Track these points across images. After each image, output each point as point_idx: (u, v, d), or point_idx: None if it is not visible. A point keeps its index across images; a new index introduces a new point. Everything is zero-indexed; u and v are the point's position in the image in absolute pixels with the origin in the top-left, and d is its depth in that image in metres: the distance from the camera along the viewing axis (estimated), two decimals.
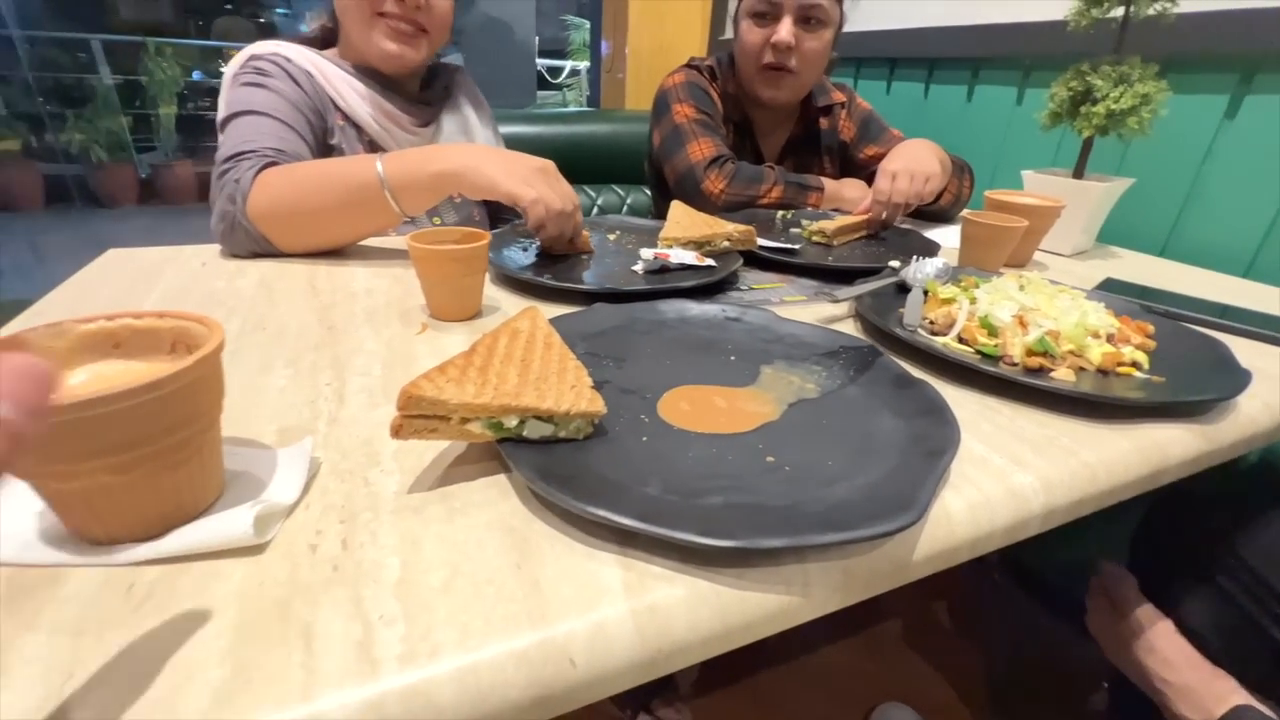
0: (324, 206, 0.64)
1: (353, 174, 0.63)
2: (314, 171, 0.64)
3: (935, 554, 0.32)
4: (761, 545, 0.26)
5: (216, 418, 0.29)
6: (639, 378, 0.43)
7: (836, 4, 0.94)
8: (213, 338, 0.27)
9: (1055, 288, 0.57)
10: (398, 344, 0.48)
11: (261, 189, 0.62)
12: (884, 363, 0.44)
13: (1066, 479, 0.37)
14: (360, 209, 0.64)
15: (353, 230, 0.68)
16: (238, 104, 0.71)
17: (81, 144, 4.20)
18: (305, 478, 0.32)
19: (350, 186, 0.62)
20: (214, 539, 0.27)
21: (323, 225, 0.66)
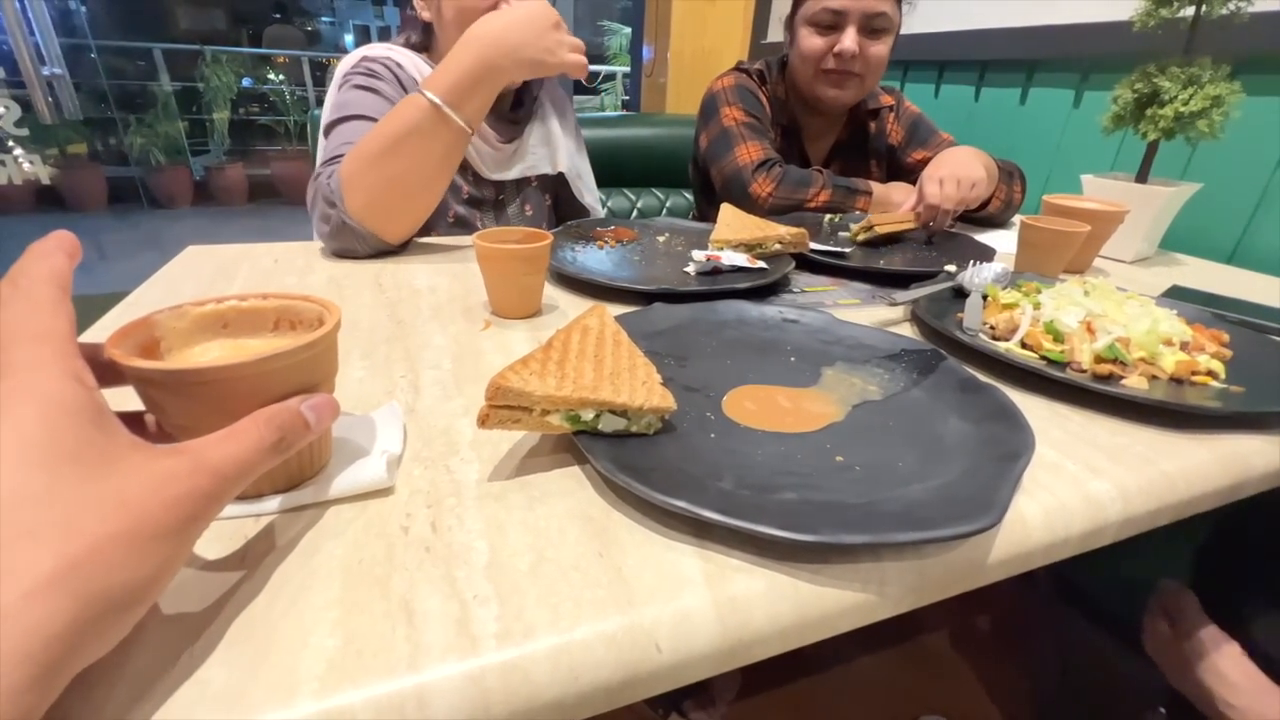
0: (402, 159, 0.64)
1: (409, 115, 0.63)
2: (376, 136, 0.64)
3: (1010, 558, 0.32)
4: (844, 541, 0.26)
5: (334, 384, 0.32)
6: (702, 376, 0.44)
7: (898, 9, 0.93)
8: (332, 311, 0.30)
9: (1122, 294, 0.55)
10: (464, 339, 0.50)
11: (348, 181, 0.64)
12: (949, 366, 0.44)
13: (1145, 487, 0.36)
14: (431, 141, 0.64)
15: (437, 168, 0.67)
16: (347, 107, 0.73)
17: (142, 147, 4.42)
18: (403, 433, 0.35)
19: (413, 126, 0.63)
20: (356, 484, 0.31)
21: (411, 179, 0.65)
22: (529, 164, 0.91)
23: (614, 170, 1.53)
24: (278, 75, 5.24)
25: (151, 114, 4.52)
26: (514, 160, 0.89)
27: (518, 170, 0.89)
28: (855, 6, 0.90)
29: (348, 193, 0.64)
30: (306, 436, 0.26)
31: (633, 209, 1.56)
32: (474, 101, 0.65)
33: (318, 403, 0.27)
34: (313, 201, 0.67)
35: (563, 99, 0.99)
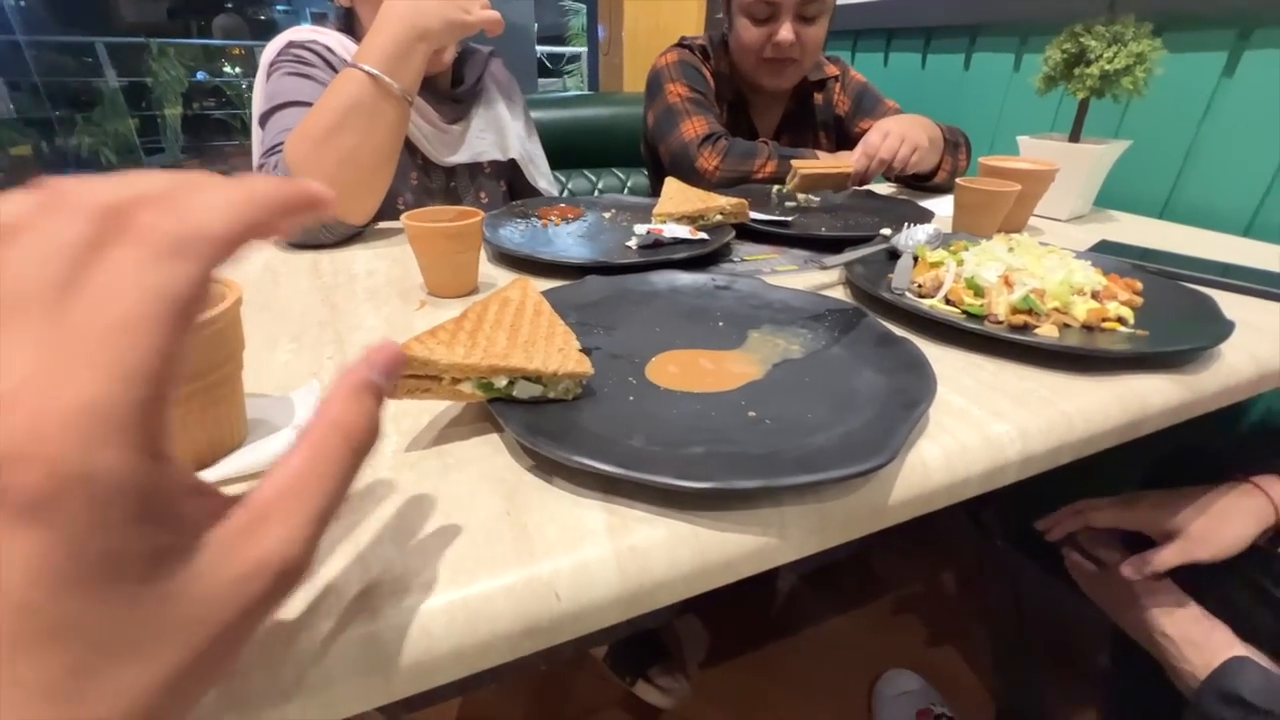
0: (350, 135, 0.63)
1: (349, 90, 0.62)
2: (319, 117, 0.63)
3: (910, 498, 0.33)
4: (735, 486, 0.28)
5: (240, 362, 0.32)
6: (629, 344, 0.44)
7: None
8: (232, 290, 0.31)
9: (1044, 249, 0.57)
10: (397, 319, 0.50)
11: (298, 167, 0.62)
12: (868, 323, 0.45)
13: (1044, 428, 0.38)
14: (375, 114, 0.63)
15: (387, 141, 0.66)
16: (281, 95, 0.71)
17: (91, 147, 4.26)
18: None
19: (355, 101, 0.62)
20: (263, 458, 0.31)
21: (363, 155, 0.64)
22: (479, 149, 0.90)
23: (573, 152, 1.52)
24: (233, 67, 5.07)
25: (98, 111, 4.36)
26: (461, 144, 0.88)
27: (466, 154, 0.88)
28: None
29: (298, 174, 0.63)
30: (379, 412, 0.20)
31: (594, 190, 1.55)
32: (408, 69, 0.64)
33: (379, 356, 0.20)
34: None
35: (510, 83, 0.97)
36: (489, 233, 0.66)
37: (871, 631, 1.14)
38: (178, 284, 0.14)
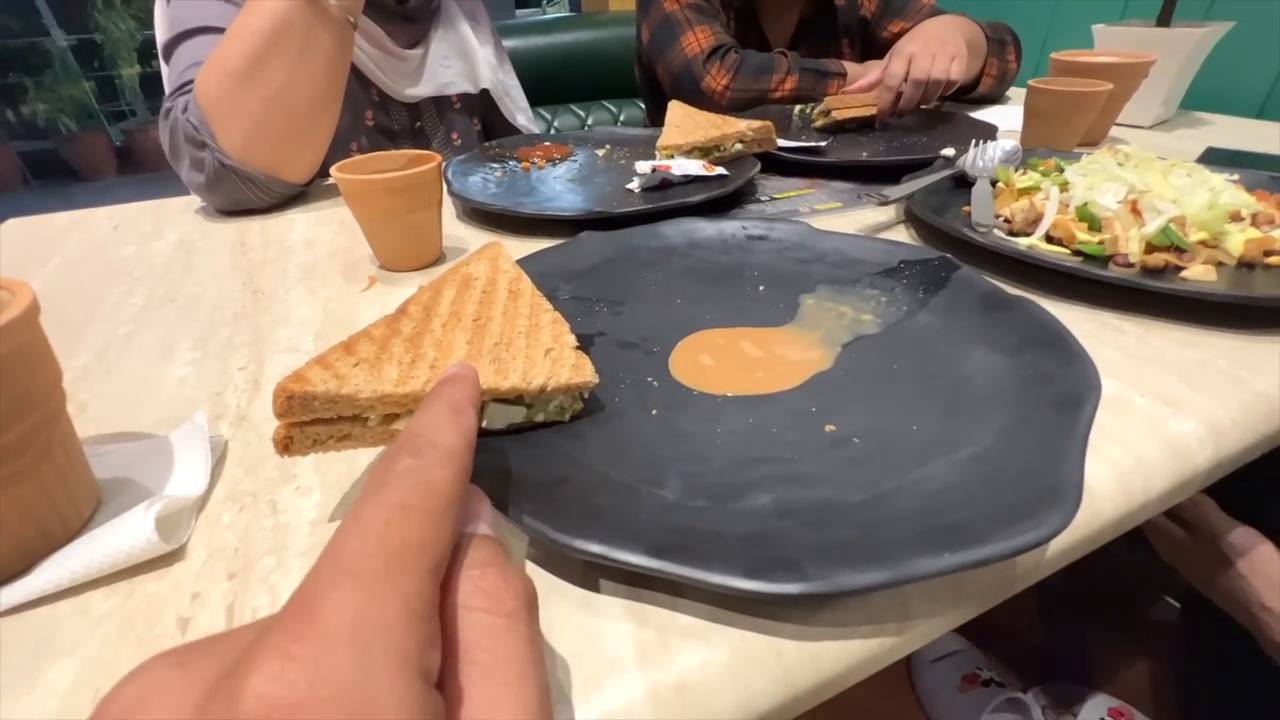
0: (277, 68, 0.49)
1: (272, 9, 0.49)
2: (237, 44, 0.49)
3: (1073, 544, 0.23)
4: (845, 586, 0.17)
5: (59, 408, 0.21)
6: (643, 325, 0.33)
7: None
8: (17, 299, 0.19)
9: (1165, 162, 0.44)
10: (337, 306, 0.38)
11: (215, 109, 0.49)
12: (965, 276, 0.33)
13: (1239, 418, 0.27)
14: (309, 39, 0.50)
15: (326, 74, 0.53)
16: (184, 20, 0.57)
17: (47, 115, 4.00)
18: (210, 461, 0.25)
19: (281, 24, 0.49)
20: (106, 558, 0.20)
21: (298, 94, 0.51)
22: (444, 80, 0.75)
23: (556, 84, 1.35)
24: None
25: (49, 75, 4.06)
26: (423, 72, 0.74)
27: (431, 86, 0.74)
28: None
29: (218, 124, 0.49)
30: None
31: (583, 126, 1.39)
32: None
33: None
34: (173, 146, 0.52)
35: (473, 2, 0.81)
36: (455, 182, 0.53)
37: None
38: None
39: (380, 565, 0.11)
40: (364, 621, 0.10)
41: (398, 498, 0.13)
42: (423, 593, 0.11)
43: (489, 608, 0.13)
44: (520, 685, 0.12)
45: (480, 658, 0.12)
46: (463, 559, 0.13)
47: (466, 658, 0.12)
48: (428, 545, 0.12)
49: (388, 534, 0.12)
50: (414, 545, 0.12)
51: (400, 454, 0.14)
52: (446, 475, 0.13)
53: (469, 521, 0.15)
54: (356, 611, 0.10)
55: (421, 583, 0.12)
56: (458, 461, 0.14)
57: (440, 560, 0.12)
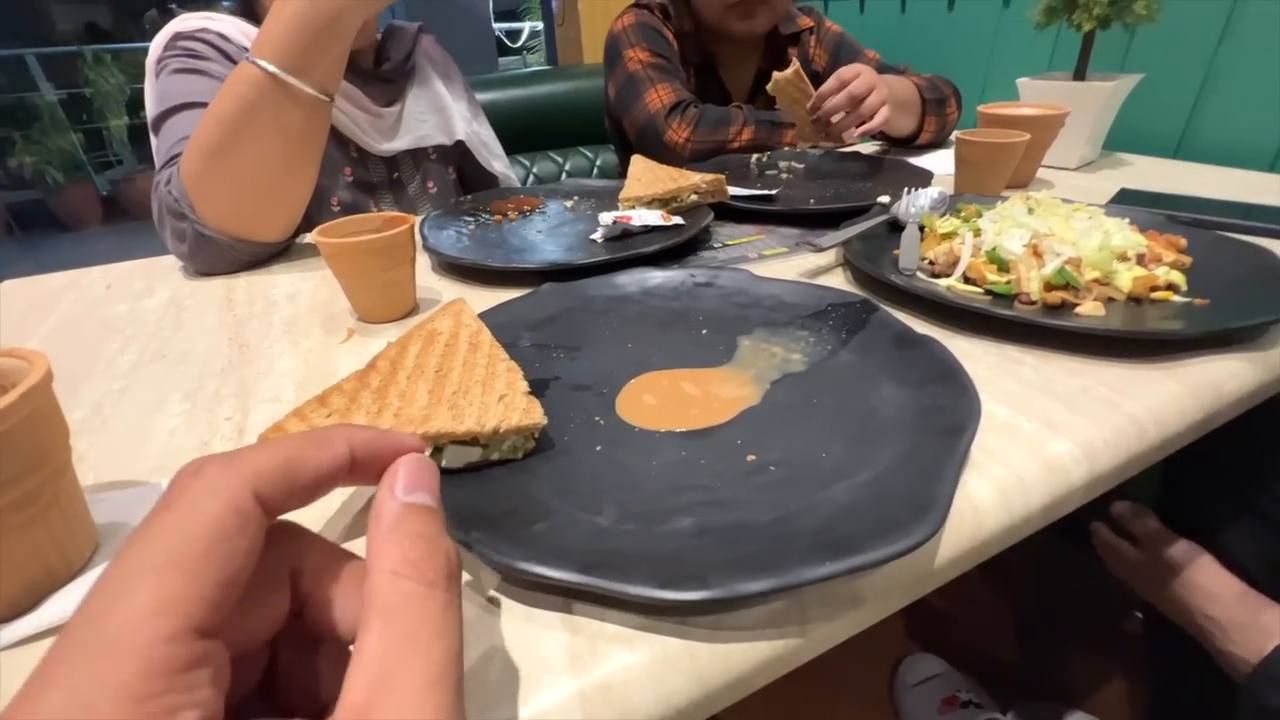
0: (247, 148, 0.52)
1: (241, 92, 0.51)
2: (209, 125, 0.52)
3: (960, 554, 0.26)
4: (740, 592, 0.20)
5: (66, 461, 0.24)
6: (595, 369, 0.37)
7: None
8: (35, 368, 0.22)
9: (1069, 206, 0.49)
10: (317, 358, 0.41)
11: (194, 185, 0.53)
12: (880, 318, 0.37)
13: (1111, 439, 0.30)
14: (277, 119, 0.52)
15: (298, 150, 0.56)
16: (171, 96, 0.61)
17: (34, 167, 4.05)
18: None
19: (254, 109, 0.51)
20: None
21: (267, 171, 0.54)
22: (421, 134, 0.80)
23: (535, 133, 1.41)
24: None
25: (38, 128, 4.12)
26: (400, 127, 0.79)
27: (408, 139, 0.79)
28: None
29: (197, 199, 0.53)
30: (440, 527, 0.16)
31: (560, 171, 1.45)
32: (320, 59, 0.53)
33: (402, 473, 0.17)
34: (158, 217, 0.56)
35: (445, 60, 0.87)
36: (430, 237, 0.57)
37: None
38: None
39: (103, 645, 0.12)
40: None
41: (140, 560, 0.13)
42: (143, 672, 0.12)
43: (412, 575, 0.14)
44: (430, 645, 0.13)
45: (398, 619, 0.14)
46: (398, 527, 0.15)
47: (387, 619, 0.14)
48: (166, 608, 0.12)
49: (110, 607, 0.12)
50: (136, 618, 0.12)
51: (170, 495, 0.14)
52: (207, 512, 0.13)
53: (412, 491, 0.16)
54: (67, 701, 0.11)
55: (140, 660, 0.12)
56: (225, 492, 0.14)
57: (202, 602, 0.13)
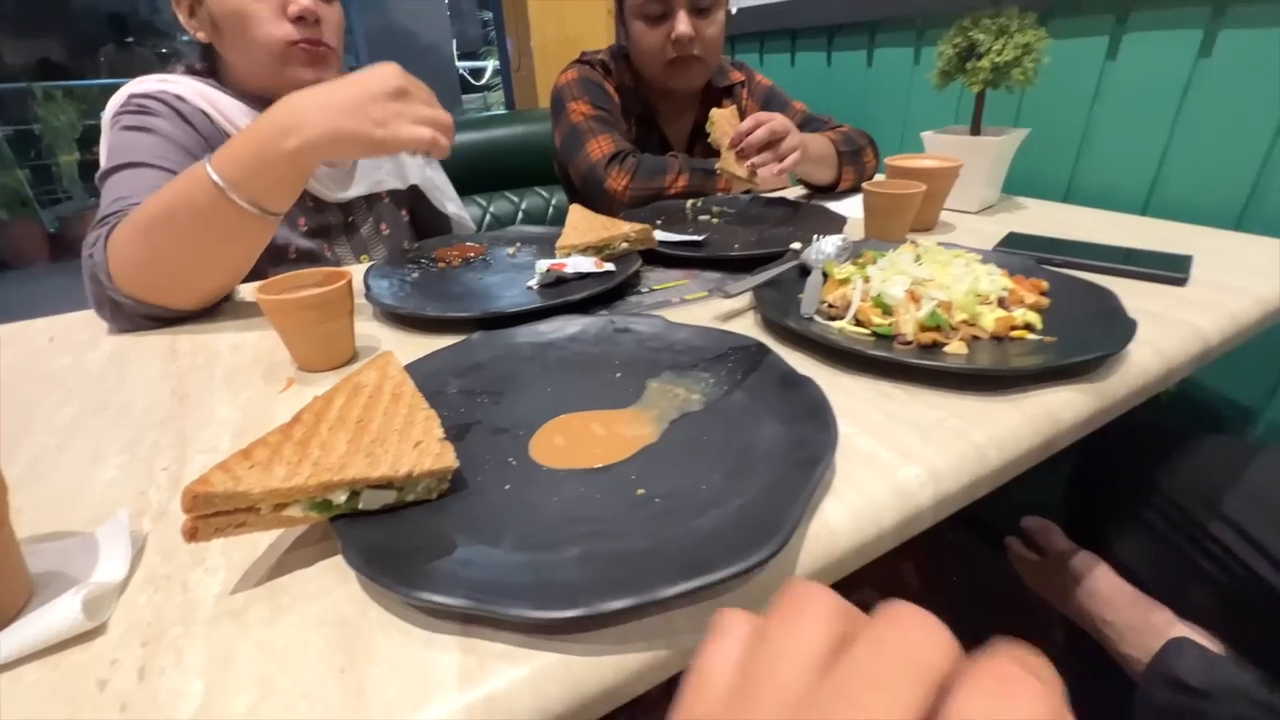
0: (173, 237, 0.52)
1: (190, 192, 0.51)
2: (154, 209, 0.53)
3: (817, 571, 0.30)
4: (603, 609, 0.24)
5: (3, 516, 0.26)
6: (515, 413, 0.40)
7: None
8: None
9: (951, 253, 0.56)
10: (255, 407, 0.44)
11: (115, 252, 0.54)
12: (771, 361, 0.42)
13: (955, 464, 0.35)
14: (221, 230, 0.52)
15: (232, 255, 0.57)
16: (118, 153, 0.62)
17: None
18: (130, 552, 0.30)
19: (195, 209, 0.51)
20: (40, 635, 0.25)
21: (189, 263, 0.55)
22: (375, 179, 0.84)
23: (493, 173, 1.47)
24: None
25: None
26: (354, 175, 0.82)
27: (363, 186, 0.82)
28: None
29: (114, 265, 0.54)
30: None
31: (517, 211, 1.50)
32: (274, 186, 0.53)
33: None
34: (85, 273, 0.56)
35: None
36: (372, 286, 0.60)
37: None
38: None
39: None
40: None
41: None
42: None
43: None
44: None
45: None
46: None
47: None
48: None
49: None
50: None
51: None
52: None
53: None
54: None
55: None
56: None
57: None
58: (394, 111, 0.53)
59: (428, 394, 0.39)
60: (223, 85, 0.74)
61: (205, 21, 0.69)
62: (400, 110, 0.54)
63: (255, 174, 0.52)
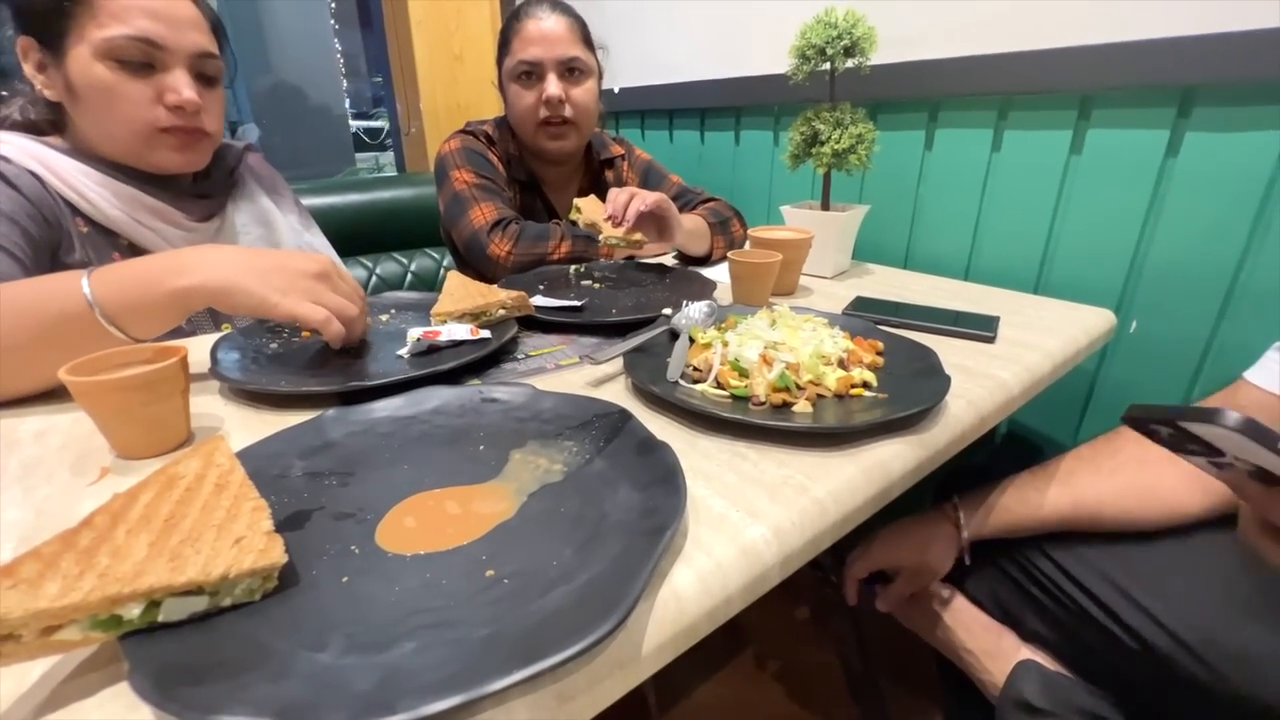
0: (16, 346, 0.48)
1: (51, 299, 0.48)
2: (12, 295, 0.48)
3: (666, 640, 0.30)
4: (424, 713, 0.22)
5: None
6: (364, 495, 0.38)
7: (591, 54, 0.99)
8: None
9: (802, 318, 0.61)
10: (55, 505, 0.38)
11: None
12: (631, 427, 0.43)
13: (798, 521, 0.37)
14: (68, 342, 0.48)
15: (64, 361, 0.52)
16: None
17: None
18: None
19: (49, 316, 0.48)
20: None
21: (23, 367, 0.50)
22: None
23: (383, 234, 1.44)
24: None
25: None
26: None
27: None
28: (548, 55, 0.94)
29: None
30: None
31: (406, 273, 1.47)
32: (143, 320, 0.51)
33: None
34: None
35: (273, 177, 0.88)
36: (221, 358, 0.56)
37: (743, 687, 1.13)
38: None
39: None
40: None
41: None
42: None
43: None
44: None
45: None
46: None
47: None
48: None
49: None
50: None
51: None
52: None
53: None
54: None
55: None
56: None
57: None
58: (302, 288, 0.54)
59: (267, 479, 0.37)
60: (64, 142, 0.68)
61: (58, 83, 0.64)
62: (309, 288, 0.54)
63: (131, 300, 0.50)
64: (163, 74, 0.65)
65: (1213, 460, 0.33)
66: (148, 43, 0.63)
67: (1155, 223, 0.76)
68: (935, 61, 0.91)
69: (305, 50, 4.80)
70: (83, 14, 0.61)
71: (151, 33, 0.62)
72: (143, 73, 0.64)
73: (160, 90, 0.65)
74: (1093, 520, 0.61)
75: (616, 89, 1.48)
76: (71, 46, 0.62)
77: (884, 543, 0.75)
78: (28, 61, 0.64)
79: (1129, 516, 0.60)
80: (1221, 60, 0.67)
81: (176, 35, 0.64)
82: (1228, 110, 0.69)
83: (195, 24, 0.67)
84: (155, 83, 0.65)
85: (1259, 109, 0.67)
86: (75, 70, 0.62)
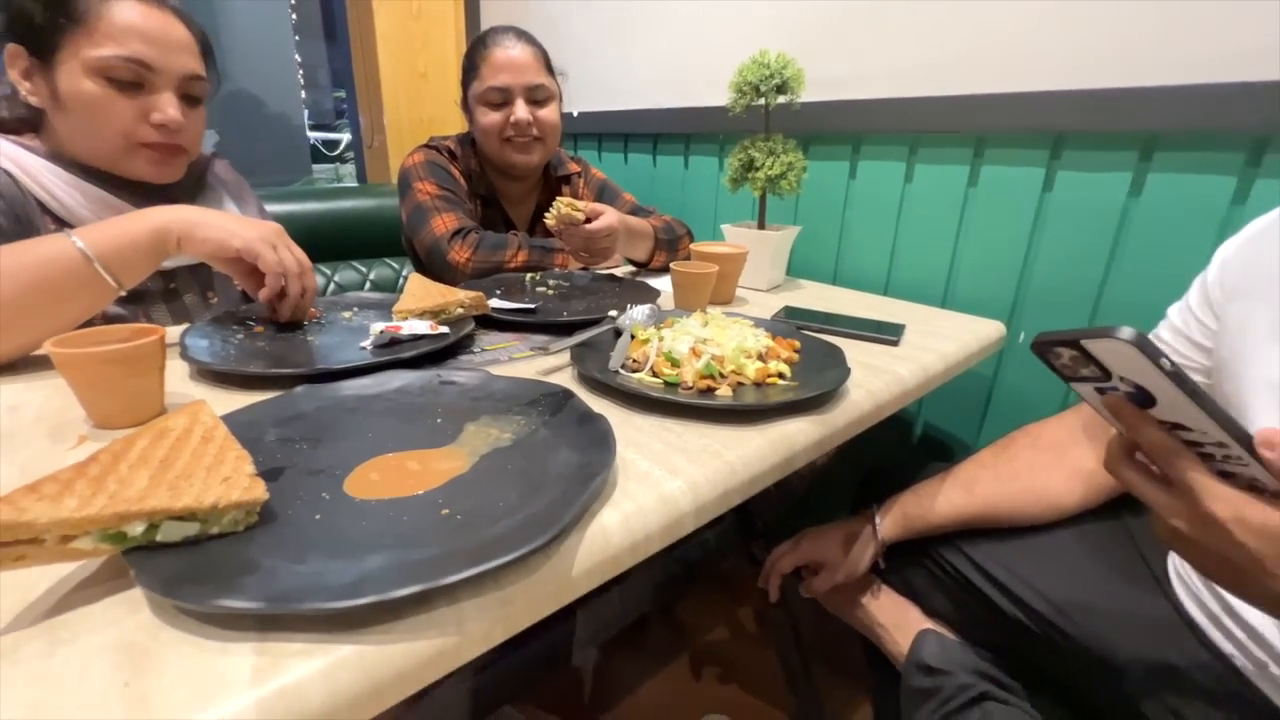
0: (14, 299, 0.53)
1: (42, 255, 0.54)
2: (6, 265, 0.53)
3: (594, 566, 0.37)
4: (390, 596, 0.28)
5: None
6: (333, 456, 0.43)
7: (553, 80, 1.07)
8: None
9: (731, 320, 0.69)
10: (37, 466, 0.42)
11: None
12: (574, 404, 0.50)
13: (711, 478, 0.44)
14: (60, 291, 0.55)
15: (56, 319, 0.56)
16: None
17: None
18: None
19: (42, 268, 0.54)
20: None
21: (18, 321, 0.55)
22: None
23: (342, 243, 1.46)
24: None
25: None
26: None
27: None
28: (516, 83, 1.01)
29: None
30: None
31: (364, 281, 1.50)
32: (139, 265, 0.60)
33: None
34: None
35: (239, 183, 0.91)
36: (189, 346, 0.59)
37: (687, 683, 1.18)
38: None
39: None
40: None
41: None
42: None
43: None
44: None
45: None
46: None
47: None
48: None
49: None
50: None
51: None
52: None
53: None
54: None
55: None
56: None
57: None
58: (255, 236, 0.63)
59: (243, 442, 0.41)
60: (38, 141, 0.70)
61: (43, 91, 0.66)
62: (263, 236, 0.64)
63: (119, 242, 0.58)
64: (151, 94, 0.68)
65: (1098, 386, 0.36)
66: (140, 64, 0.66)
67: (1037, 247, 0.89)
68: (857, 101, 1.02)
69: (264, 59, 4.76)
70: (79, 32, 0.64)
71: (145, 55, 0.66)
72: (131, 91, 0.67)
73: (146, 109, 0.68)
74: (993, 519, 0.70)
75: (575, 113, 1.56)
76: (63, 60, 0.65)
77: (810, 540, 0.83)
78: (14, 67, 0.67)
79: (1021, 514, 0.69)
80: (1085, 111, 0.79)
81: (168, 58, 0.68)
82: (1088, 154, 0.82)
83: (187, 47, 0.70)
84: (142, 101, 0.68)
85: (1112, 154, 0.80)
86: (64, 82, 0.65)
